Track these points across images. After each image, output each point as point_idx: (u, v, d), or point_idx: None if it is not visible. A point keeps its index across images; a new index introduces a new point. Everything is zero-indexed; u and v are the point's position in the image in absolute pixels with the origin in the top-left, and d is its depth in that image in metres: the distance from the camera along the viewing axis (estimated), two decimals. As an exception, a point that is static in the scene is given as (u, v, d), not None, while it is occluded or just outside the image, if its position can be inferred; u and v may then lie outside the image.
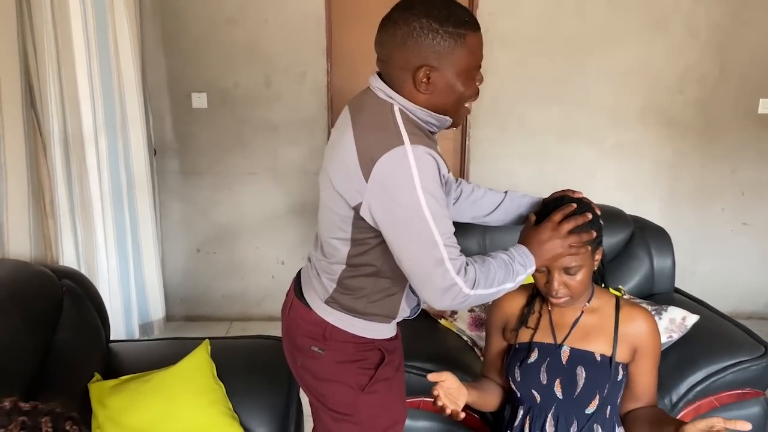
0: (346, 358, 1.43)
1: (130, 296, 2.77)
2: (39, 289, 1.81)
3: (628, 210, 2.66)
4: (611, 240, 2.46)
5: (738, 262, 3.73)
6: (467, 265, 1.28)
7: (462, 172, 3.59)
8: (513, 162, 3.55)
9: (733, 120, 3.53)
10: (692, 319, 2.16)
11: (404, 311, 1.46)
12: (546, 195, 1.50)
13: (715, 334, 2.18)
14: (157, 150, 3.33)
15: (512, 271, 1.31)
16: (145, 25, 3.15)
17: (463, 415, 1.38)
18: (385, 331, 1.47)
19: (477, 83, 1.33)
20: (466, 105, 1.35)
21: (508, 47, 3.38)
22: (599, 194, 3.32)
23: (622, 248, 2.52)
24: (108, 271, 2.59)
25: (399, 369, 1.55)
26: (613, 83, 3.45)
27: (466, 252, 1.32)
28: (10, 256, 2.02)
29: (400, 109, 1.29)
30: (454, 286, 1.25)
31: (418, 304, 1.50)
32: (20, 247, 2.05)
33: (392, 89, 1.30)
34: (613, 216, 2.50)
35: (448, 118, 1.33)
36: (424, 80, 1.26)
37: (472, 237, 2.38)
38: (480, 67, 1.32)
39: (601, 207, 1.45)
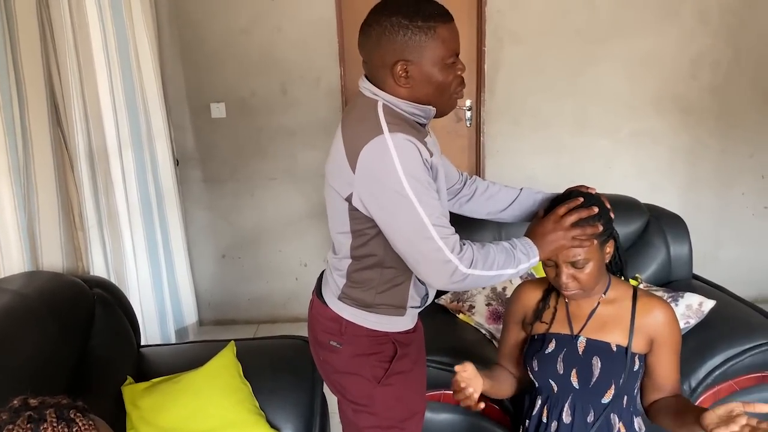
0: (362, 351, 1.48)
1: (164, 303, 2.83)
2: (72, 299, 1.89)
3: (647, 198, 2.66)
4: (627, 229, 2.47)
5: (761, 245, 3.70)
6: (463, 244, 1.32)
7: (478, 168, 3.61)
8: (528, 156, 3.56)
9: (750, 103, 3.50)
10: (709, 304, 2.16)
11: (414, 300, 1.49)
12: (563, 189, 1.52)
13: (732, 318, 2.18)
14: (180, 160, 3.41)
15: (513, 257, 1.35)
16: (163, 39, 3.23)
17: (482, 405, 1.38)
18: (399, 323, 1.50)
19: (458, 72, 1.38)
20: (454, 95, 1.39)
21: (518, 42, 3.40)
22: (617, 184, 3.35)
23: (638, 237, 2.52)
24: (138, 279, 2.64)
25: (418, 362, 1.58)
26: (625, 73, 3.44)
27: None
28: (44, 268, 2.11)
29: (383, 104, 1.35)
30: (449, 263, 1.29)
31: (427, 294, 1.54)
32: (53, 258, 2.13)
33: (377, 87, 1.37)
34: (627, 205, 2.52)
35: (432, 108, 1.39)
36: (403, 74, 1.32)
37: (487, 232, 2.40)
38: (457, 55, 1.37)
39: (616, 197, 1.44)
